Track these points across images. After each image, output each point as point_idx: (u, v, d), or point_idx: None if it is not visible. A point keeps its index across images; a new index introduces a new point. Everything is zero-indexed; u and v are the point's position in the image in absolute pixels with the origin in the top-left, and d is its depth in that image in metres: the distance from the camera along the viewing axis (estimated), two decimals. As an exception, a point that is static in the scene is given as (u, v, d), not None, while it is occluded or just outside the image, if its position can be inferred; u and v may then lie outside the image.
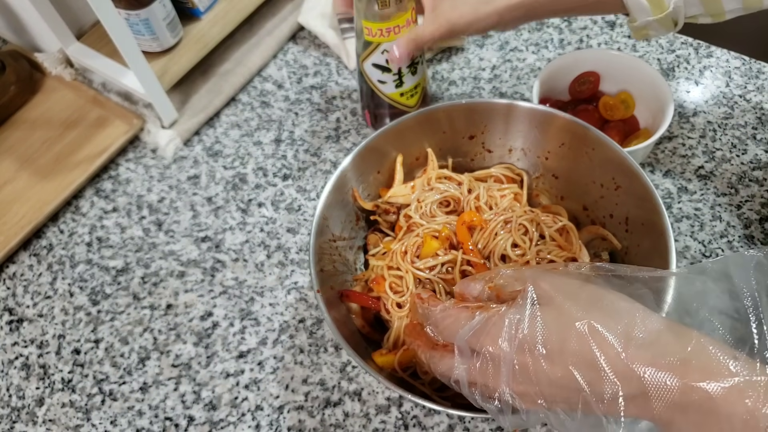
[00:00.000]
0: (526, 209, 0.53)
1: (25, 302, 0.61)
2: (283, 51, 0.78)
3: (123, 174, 0.69)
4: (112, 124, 0.71)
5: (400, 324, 0.49)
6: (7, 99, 0.71)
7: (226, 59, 0.76)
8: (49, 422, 0.54)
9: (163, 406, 0.54)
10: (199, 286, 0.60)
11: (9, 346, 0.59)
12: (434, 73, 0.74)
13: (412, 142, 0.57)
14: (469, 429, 0.51)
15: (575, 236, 0.51)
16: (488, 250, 0.50)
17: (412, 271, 0.49)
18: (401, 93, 0.61)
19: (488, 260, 0.50)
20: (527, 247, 0.49)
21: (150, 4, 0.66)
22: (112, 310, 0.60)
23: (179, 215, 0.65)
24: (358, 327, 0.51)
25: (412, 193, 0.56)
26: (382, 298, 0.50)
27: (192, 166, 0.69)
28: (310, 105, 0.73)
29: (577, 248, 0.51)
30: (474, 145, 0.59)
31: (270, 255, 0.62)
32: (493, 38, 0.76)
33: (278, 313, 0.58)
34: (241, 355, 0.56)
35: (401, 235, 0.53)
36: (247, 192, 0.67)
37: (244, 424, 0.53)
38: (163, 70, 0.70)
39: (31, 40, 0.77)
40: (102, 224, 0.66)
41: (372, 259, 0.54)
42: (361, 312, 0.51)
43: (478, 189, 0.54)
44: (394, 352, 0.47)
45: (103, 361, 0.57)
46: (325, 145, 0.69)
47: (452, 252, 0.49)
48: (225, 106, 0.73)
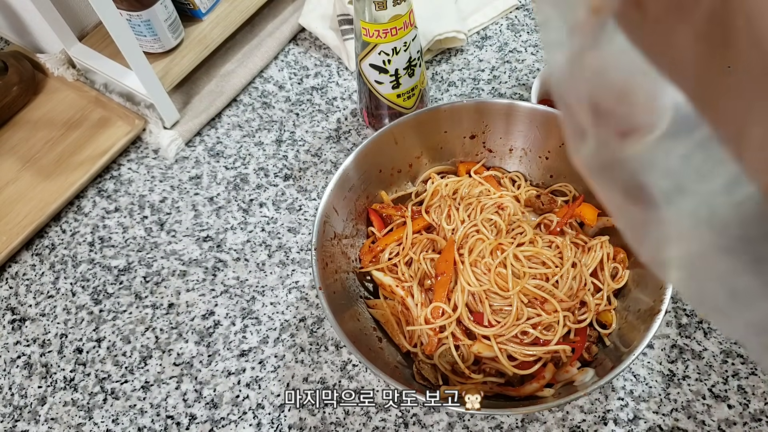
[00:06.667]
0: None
1: (27, 301, 0.61)
2: (284, 52, 0.78)
3: (125, 174, 0.69)
4: (114, 124, 0.71)
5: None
6: (10, 99, 0.71)
7: (228, 60, 0.76)
8: (51, 421, 0.55)
9: (165, 404, 0.54)
10: (200, 285, 0.61)
11: (11, 345, 0.59)
12: (433, 74, 0.74)
13: (413, 142, 0.58)
14: (469, 427, 0.51)
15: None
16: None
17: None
18: (398, 94, 0.62)
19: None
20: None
21: (152, 6, 0.66)
22: (114, 310, 0.60)
23: (181, 215, 0.66)
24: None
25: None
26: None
27: (194, 167, 0.69)
28: (311, 106, 0.73)
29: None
30: (475, 145, 0.59)
31: (271, 254, 0.62)
32: (492, 39, 0.77)
33: (279, 312, 0.58)
34: (243, 354, 0.56)
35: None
36: (248, 192, 0.67)
37: (245, 422, 0.53)
38: (165, 71, 0.71)
39: (34, 41, 0.77)
40: (104, 224, 0.66)
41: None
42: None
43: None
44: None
45: (105, 360, 0.57)
46: (325, 145, 0.69)
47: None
48: (226, 106, 0.74)
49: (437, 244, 0.54)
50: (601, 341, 0.51)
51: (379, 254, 0.56)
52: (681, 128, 0.16)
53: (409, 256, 0.54)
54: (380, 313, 0.53)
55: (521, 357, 0.49)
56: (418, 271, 0.53)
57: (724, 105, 0.14)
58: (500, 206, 0.55)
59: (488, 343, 0.49)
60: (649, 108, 0.16)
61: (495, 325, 0.49)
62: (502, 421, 0.51)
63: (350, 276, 0.55)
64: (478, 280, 0.50)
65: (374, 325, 0.54)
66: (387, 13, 0.54)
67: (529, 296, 0.49)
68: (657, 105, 0.16)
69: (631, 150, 0.17)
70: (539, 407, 0.45)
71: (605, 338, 0.51)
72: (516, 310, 0.49)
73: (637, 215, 0.18)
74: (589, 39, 0.15)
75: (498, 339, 0.49)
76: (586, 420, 0.51)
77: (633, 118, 0.16)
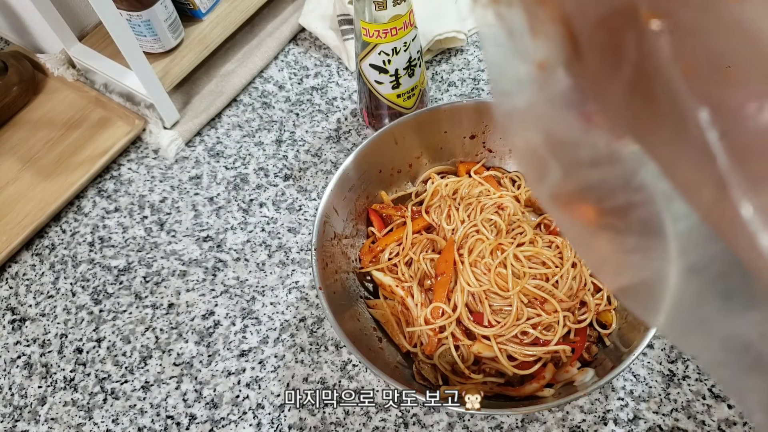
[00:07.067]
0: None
1: (27, 302, 0.61)
2: (284, 52, 0.78)
3: (125, 174, 0.70)
4: (114, 124, 0.71)
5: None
6: (10, 99, 0.71)
7: (228, 60, 0.76)
8: (51, 421, 0.55)
9: (165, 404, 0.54)
10: (200, 285, 0.61)
11: (11, 345, 0.59)
12: (433, 74, 0.74)
13: (413, 142, 0.58)
14: (469, 427, 0.51)
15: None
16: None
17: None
18: (398, 94, 0.62)
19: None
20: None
21: (151, 6, 0.66)
22: (114, 310, 0.60)
23: (181, 215, 0.66)
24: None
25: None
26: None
27: (194, 167, 0.69)
28: (311, 106, 0.73)
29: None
30: (475, 145, 0.59)
31: (271, 254, 0.62)
32: (492, 39, 0.76)
33: (279, 312, 0.58)
34: (243, 354, 0.56)
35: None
36: (248, 192, 0.67)
37: (245, 422, 0.53)
38: (165, 71, 0.71)
39: (34, 41, 0.77)
40: (104, 224, 0.66)
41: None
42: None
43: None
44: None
45: (105, 360, 0.57)
46: (325, 145, 0.69)
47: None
48: (226, 106, 0.74)
49: (437, 244, 0.54)
50: (601, 341, 0.51)
51: (379, 254, 0.56)
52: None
53: (409, 256, 0.54)
54: (380, 313, 0.53)
55: (521, 357, 0.49)
56: (418, 271, 0.53)
57: (655, 144, 0.16)
58: (500, 206, 0.55)
59: (488, 343, 0.49)
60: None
61: (495, 325, 0.49)
62: (502, 421, 0.51)
63: (350, 276, 0.55)
64: (478, 280, 0.50)
65: (374, 325, 0.54)
66: (387, 13, 0.54)
67: (529, 296, 0.49)
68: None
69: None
70: (539, 407, 0.45)
71: (605, 338, 0.51)
72: (516, 311, 0.49)
73: (607, 243, 0.20)
74: (538, 89, 0.17)
75: (498, 339, 0.49)
76: (586, 420, 0.51)
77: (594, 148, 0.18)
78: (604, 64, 0.16)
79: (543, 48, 0.16)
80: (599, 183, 0.18)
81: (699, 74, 0.14)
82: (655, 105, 0.15)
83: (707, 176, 0.14)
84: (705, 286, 0.18)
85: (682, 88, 0.14)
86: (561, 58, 0.16)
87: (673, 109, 0.14)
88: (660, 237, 0.18)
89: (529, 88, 0.17)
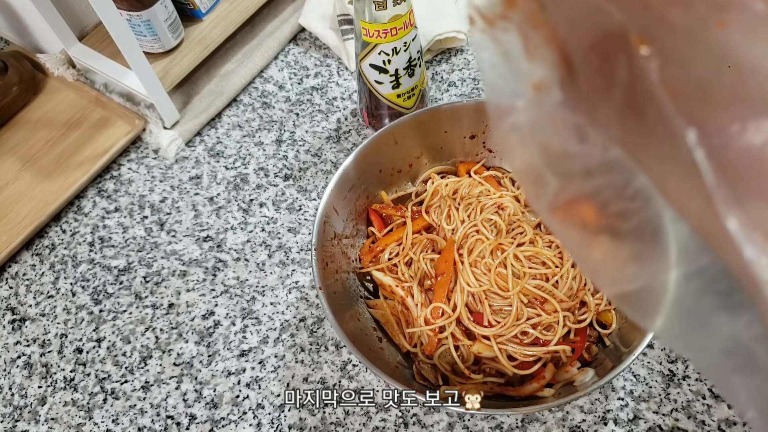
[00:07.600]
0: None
1: (27, 302, 0.61)
2: (284, 52, 0.78)
3: (125, 174, 0.70)
4: (114, 124, 0.71)
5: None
6: (10, 99, 0.71)
7: (228, 60, 0.76)
8: (51, 421, 0.55)
9: (165, 404, 0.54)
10: (200, 285, 0.61)
11: (11, 345, 0.59)
12: (433, 74, 0.74)
13: (413, 142, 0.58)
14: (469, 427, 0.51)
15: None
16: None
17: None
18: (398, 94, 0.62)
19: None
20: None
21: (151, 6, 0.66)
22: (114, 310, 0.60)
23: (181, 215, 0.66)
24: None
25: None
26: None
27: (194, 167, 0.69)
28: (311, 106, 0.73)
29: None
30: (475, 145, 0.59)
31: (271, 254, 0.62)
32: (492, 39, 0.76)
33: (279, 312, 0.58)
34: (243, 354, 0.56)
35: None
36: (248, 192, 0.67)
37: (245, 422, 0.53)
38: (165, 71, 0.71)
39: (34, 41, 0.77)
40: (104, 224, 0.66)
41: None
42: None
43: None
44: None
45: (105, 360, 0.57)
46: (325, 145, 0.69)
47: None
48: (226, 106, 0.74)
49: (437, 245, 0.54)
50: (601, 341, 0.51)
51: (379, 254, 0.56)
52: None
53: (409, 256, 0.54)
54: (380, 313, 0.53)
55: (521, 357, 0.49)
56: (418, 271, 0.53)
57: (647, 160, 0.17)
58: (500, 206, 0.55)
59: (488, 343, 0.49)
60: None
61: (495, 325, 0.49)
62: (502, 421, 0.51)
63: (350, 276, 0.55)
64: (478, 280, 0.50)
65: (374, 325, 0.54)
66: (387, 13, 0.54)
67: (529, 296, 0.49)
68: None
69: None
70: (539, 407, 0.45)
71: (605, 338, 0.51)
72: (516, 311, 0.49)
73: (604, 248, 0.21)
74: (534, 107, 0.18)
75: (498, 339, 0.49)
76: (586, 420, 0.51)
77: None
78: (597, 86, 0.17)
79: (538, 70, 0.17)
80: (595, 192, 0.19)
81: (686, 96, 0.15)
82: (646, 124, 0.16)
83: (696, 190, 0.15)
84: (705, 286, 0.18)
85: (670, 109, 0.15)
86: (556, 79, 0.17)
87: (663, 128, 0.15)
88: (658, 242, 0.19)
89: (525, 107, 0.18)
